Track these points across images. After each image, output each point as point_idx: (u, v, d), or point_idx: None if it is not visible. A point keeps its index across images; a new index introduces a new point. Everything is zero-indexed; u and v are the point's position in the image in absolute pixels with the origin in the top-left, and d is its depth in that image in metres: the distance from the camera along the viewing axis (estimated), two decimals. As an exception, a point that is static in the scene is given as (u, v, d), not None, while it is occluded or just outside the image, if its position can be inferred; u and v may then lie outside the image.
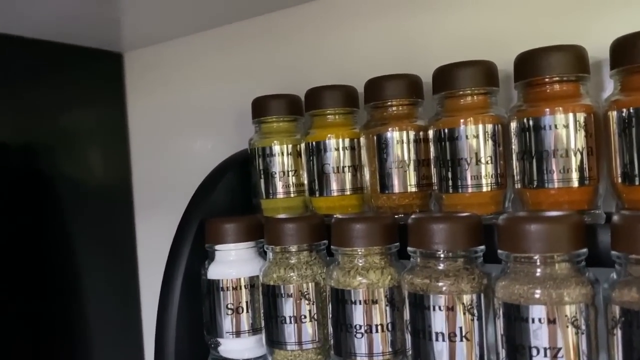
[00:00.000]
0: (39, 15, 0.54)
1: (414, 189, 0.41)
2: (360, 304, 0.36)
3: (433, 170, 0.40)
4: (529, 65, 0.36)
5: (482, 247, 0.34)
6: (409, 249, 0.35)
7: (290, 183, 0.48)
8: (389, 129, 0.41)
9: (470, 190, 0.38)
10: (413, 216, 0.35)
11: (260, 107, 0.49)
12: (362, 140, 0.43)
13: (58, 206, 0.74)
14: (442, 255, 0.33)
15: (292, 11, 0.56)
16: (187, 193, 0.52)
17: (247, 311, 0.44)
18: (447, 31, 0.48)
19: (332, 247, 0.38)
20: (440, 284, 0.33)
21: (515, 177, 0.38)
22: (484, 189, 0.38)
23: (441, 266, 0.33)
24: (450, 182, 0.39)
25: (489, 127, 0.38)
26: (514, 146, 0.37)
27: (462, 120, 0.38)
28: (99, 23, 0.58)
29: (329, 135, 0.45)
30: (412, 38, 0.49)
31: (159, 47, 0.66)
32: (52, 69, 0.72)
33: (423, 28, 0.49)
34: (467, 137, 0.38)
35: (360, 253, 0.36)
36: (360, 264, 0.36)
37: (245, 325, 0.44)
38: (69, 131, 0.74)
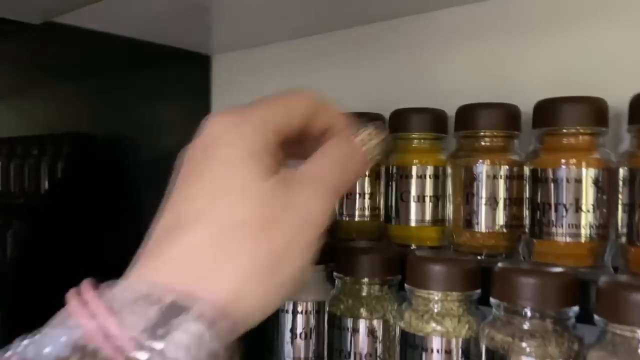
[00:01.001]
0: (136, 16, 0.54)
1: (502, 229, 0.38)
2: (432, 352, 0.33)
3: (525, 212, 0.37)
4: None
5: (576, 308, 0.30)
6: (492, 300, 0.32)
7: (366, 206, 0.46)
8: (480, 161, 0.38)
9: (566, 239, 0.34)
10: (500, 264, 0.32)
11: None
12: (449, 169, 0.41)
13: (137, 197, 0.76)
14: (529, 313, 0.30)
15: (383, 26, 0.54)
16: None
17: (311, 338, 0.42)
18: (551, 61, 0.44)
19: (406, 285, 0.35)
20: (524, 344, 0.30)
21: (619, 230, 0.34)
22: (582, 240, 0.34)
23: (527, 325, 0.30)
24: (544, 228, 0.35)
25: (594, 171, 0.34)
26: (622, 196, 0.33)
27: (563, 161, 0.34)
28: (191, 27, 0.58)
29: (414, 161, 0.42)
30: (509, 65, 0.46)
31: (248, 52, 0.66)
32: (143, 67, 0.74)
33: (523, 56, 0.45)
34: (567, 180, 0.34)
35: (436, 297, 0.33)
36: (436, 309, 0.34)
37: (309, 352, 0.42)
38: (154, 126, 0.75)
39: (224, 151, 0.26)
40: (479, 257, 0.37)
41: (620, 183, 0.33)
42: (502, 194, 0.38)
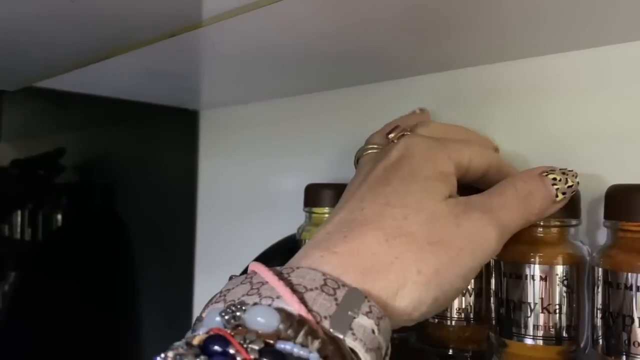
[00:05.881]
0: (126, 79, 0.54)
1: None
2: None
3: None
4: None
5: None
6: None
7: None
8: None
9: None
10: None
11: (312, 195, 0.44)
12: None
13: (128, 249, 0.75)
14: None
15: (370, 88, 0.51)
16: (247, 260, 0.48)
17: None
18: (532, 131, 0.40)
19: None
20: None
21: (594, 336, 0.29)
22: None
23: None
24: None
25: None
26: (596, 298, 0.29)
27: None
28: (178, 88, 0.57)
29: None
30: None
31: (235, 108, 0.64)
32: (132, 122, 0.73)
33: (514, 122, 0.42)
34: None
35: None
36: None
37: None
38: (144, 179, 0.75)
39: (416, 165, 0.28)
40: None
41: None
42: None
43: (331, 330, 0.22)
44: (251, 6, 0.33)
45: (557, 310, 0.30)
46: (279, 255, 0.47)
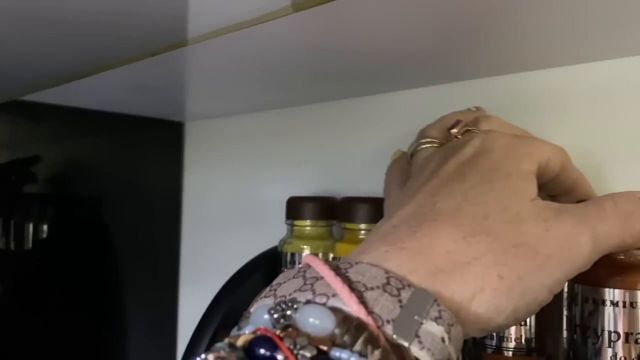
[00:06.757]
0: (111, 93, 0.54)
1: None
2: None
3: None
4: None
5: None
6: None
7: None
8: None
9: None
10: None
11: (294, 208, 0.45)
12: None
13: (112, 260, 0.75)
14: None
15: (355, 102, 0.52)
16: (231, 271, 0.49)
17: None
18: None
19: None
20: None
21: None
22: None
23: None
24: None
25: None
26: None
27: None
28: (163, 101, 0.58)
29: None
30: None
31: (220, 121, 0.65)
32: (117, 134, 0.74)
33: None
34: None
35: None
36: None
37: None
38: (130, 190, 0.75)
39: (496, 161, 0.25)
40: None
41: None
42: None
43: (394, 336, 0.19)
44: (235, 27, 0.34)
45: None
46: (261, 268, 0.48)
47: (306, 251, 0.44)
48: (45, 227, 0.84)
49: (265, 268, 0.48)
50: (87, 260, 0.78)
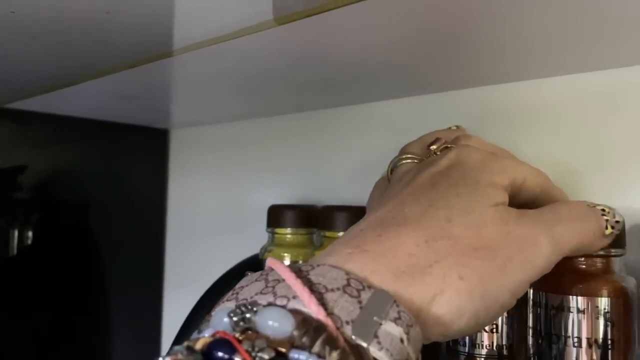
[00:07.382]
0: (96, 102, 0.55)
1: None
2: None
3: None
4: None
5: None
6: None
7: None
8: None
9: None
10: None
11: (275, 216, 0.46)
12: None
13: (97, 266, 0.75)
14: None
15: (337, 112, 0.53)
16: (216, 277, 0.50)
17: None
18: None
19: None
20: None
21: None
22: None
23: None
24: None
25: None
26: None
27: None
28: (148, 109, 0.58)
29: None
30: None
31: (205, 128, 0.66)
32: (102, 140, 0.74)
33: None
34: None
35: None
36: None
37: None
38: (115, 197, 0.75)
39: (467, 172, 0.26)
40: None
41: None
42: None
43: (353, 337, 0.19)
44: (220, 39, 0.35)
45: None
46: (244, 275, 0.49)
47: (287, 259, 0.44)
48: (30, 234, 0.84)
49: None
50: (72, 267, 0.78)
